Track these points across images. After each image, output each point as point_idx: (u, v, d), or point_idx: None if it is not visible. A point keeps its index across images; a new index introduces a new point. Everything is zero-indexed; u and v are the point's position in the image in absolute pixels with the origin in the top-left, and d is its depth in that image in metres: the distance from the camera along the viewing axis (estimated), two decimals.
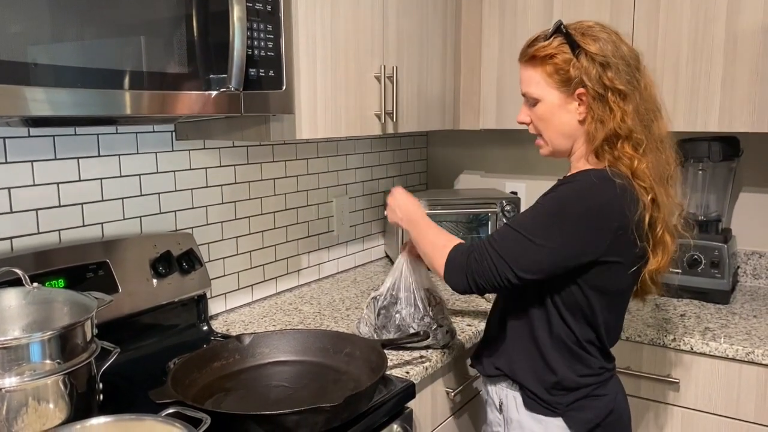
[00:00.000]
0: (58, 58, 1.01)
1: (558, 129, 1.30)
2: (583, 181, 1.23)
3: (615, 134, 1.23)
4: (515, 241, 1.23)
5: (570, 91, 1.25)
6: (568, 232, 1.20)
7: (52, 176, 1.42)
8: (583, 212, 1.20)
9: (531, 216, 1.25)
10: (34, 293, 1.15)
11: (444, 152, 2.71)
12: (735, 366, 1.61)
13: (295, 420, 1.10)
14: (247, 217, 1.90)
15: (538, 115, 1.30)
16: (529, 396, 1.32)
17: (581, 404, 1.30)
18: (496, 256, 1.24)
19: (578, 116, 1.27)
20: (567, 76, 1.24)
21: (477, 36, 2.17)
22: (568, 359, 1.30)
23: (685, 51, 1.85)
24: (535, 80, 1.28)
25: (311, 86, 1.56)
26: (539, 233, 1.22)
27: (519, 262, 1.22)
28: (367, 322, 1.56)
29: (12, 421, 1.00)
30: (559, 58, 1.25)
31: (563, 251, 1.21)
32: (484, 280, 1.26)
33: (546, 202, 1.25)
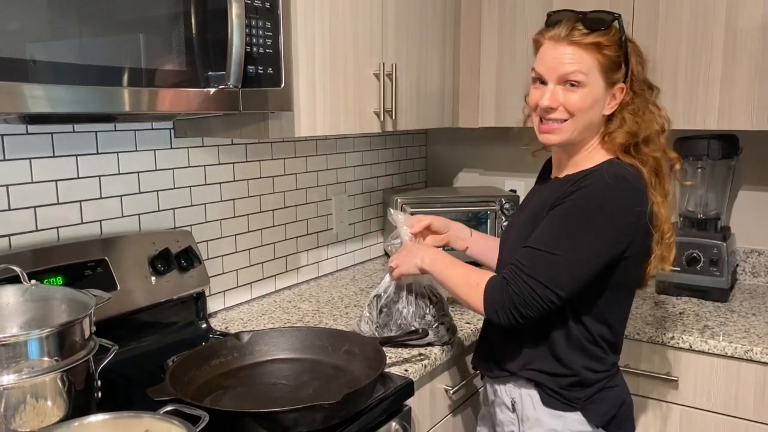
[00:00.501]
0: (56, 55, 1.01)
1: (590, 118, 1.27)
2: (597, 185, 1.22)
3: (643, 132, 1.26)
4: (547, 262, 1.21)
5: (611, 85, 1.26)
6: (594, 239, 1.21)
7: (50, 173, 1.42)
8: (606, 215, 1.20)
9: (554, 232, 1.23)
10: (32, 290, 1.15)
11: (443, 150, 2.71)
12: (734, 364, 1.61)
13: (294, 417, 1.10)
14: (246, 214, 1.90)
15: (575, 101, 1.25)
16: (547, 393, 1.32)
17: (598, 397, 1.31)
18: (534, 283, 1.21)
19: (606, 110, 1.28)
20: (618, 71, 1.25)
21: (476, 34, 2.16)
22: (584, 359, 1.30)
23: (685, 49, 1.85)
24: (586, 65, 1.24)
25: (310, 84, 1.56)
26: (567, 247, 1.21)
27: (557, 281, 1.21)
28: (368, 320, 1.56)
29: (10, 419, 1.00)
30: (614, 50, 1.24)
31: (594, 259, 1.21)
32: (528, 309, 1.23)
33: (564, 213, 1.23)
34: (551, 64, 1.26)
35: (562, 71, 1.25)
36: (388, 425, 1.31)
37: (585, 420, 1.30)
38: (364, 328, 1.56)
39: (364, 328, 1.56)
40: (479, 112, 2.20)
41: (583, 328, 1.29)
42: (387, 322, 1.52)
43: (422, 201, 2.28)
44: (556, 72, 1.25)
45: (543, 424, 1.33)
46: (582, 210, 1.22)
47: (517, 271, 1.23)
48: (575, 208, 1.22)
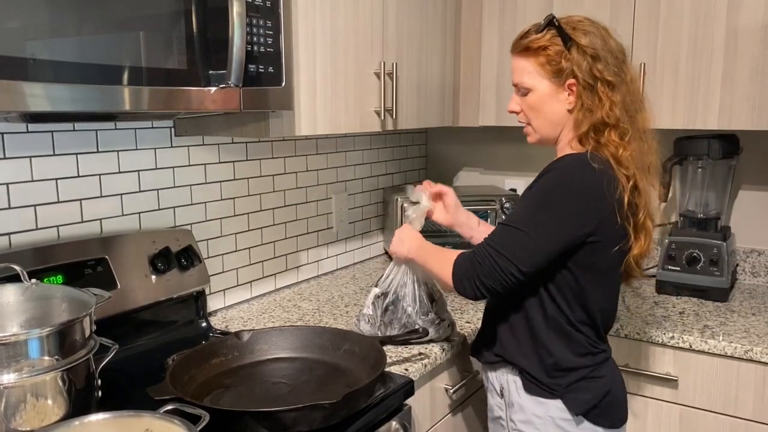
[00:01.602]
0: (56, 54, 1.01)
1: (548, 117, 1.35)
2: (562, 167, 1.29)
3: (602, 122, 1.29)
4: (511, 237, 1.28)
5: (561, 82, 1.31)
6: (557, 218, 1.26)
7: (50, 172, 1.41)
8: (567, 196, 1.26)
9: (520, 210, 1.31)
10: (32, 289, 1.15)
11: (443, 149, 2.71)
12: (733, 364, 1.61)
13: (294, 417, 1.10)
14: (246, 213, 1.90)
15: (529, 104, 1.36)
16: (528, 380, 1.36)
17: (579, 386, 1.33)
18: (496, 254, 1.27)
19: (567, 105, 1.33)
20: (559, 68, 1.30)
21: (477, 33, 2.16)
22: (563, 339, 1.33)
23: (685, 48, 1.85)
24: (527, 71, 1.33)
25: (310, 82, 1.56)
26: (531, 224, 1.26)
27: (518, 256, 1.26)
28: (369, 319, 1.56)
29: (10, 418, 1.00)
30: (551, 50, 1.30)
31: (555, 237, 1.26)
32: (491, 281, 1.28)
33: (531, 194, 1.30)
34: (511, 73, 1.39)
35: (514, 81, 1.38)
36: (389, 424, 1.31)
37: (565, 407, 1.33)
38: (364, 327, 1.56)
39: (364, 328, 1.56)
40: (479, 111, 2.20)
41: (558, 309, 1.32)
42: (391, 320, 1.53)
43: None
44: (512, 80, 1.39)
45: (525, 410, 1.37)
46: (546, 191, 1.28)
47: (484, 245, 1.30)
48: (541, 189, 1.29)
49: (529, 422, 1.36)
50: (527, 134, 1.41)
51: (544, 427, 1.35)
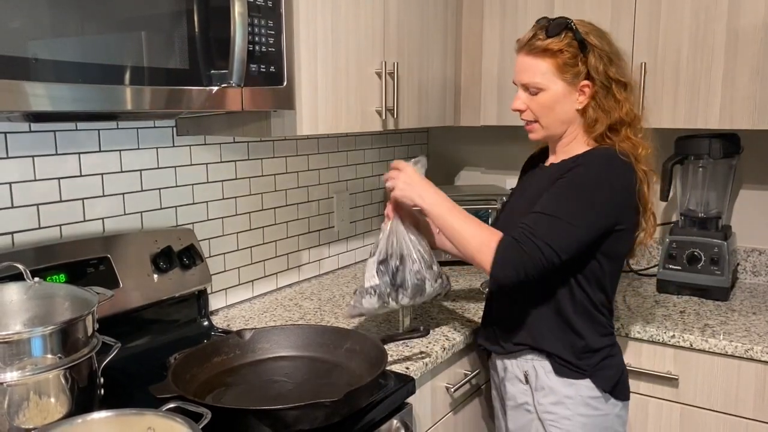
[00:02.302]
0: (58, 53, 1.01)
1: (558, 116, 1.41)
2: (595, 161, 1.36)
3: (620, 122, 1.38)
4: (553, 226, 1.31)
5: (575, 83, 1.38)
6: (594, 209, 1.32)
7: (53, 171, 1.42)
8: (602, 188, 1.33)
9: (557, 200, 1.34)
10: (35, 288, 1.15)
11: (444, 148, 2.71)
12: (734, 363, 1.62)
13: (295, 415, 1.11)
14: (247, 212, 1.90)
15: (539, 103, 1.40)
16: (559, 363, 1.41)
17: (604, 364, 1.42)
18: (543, 245, 1.30)
19: (578, 105, 1.40)
20: (575, 71, 1.37)
21: (478, 33, 2.17)
22: (590, 322, 1.41)
23: (686, 48, 1.85)
24: (541, 71, 1.38)
25: (312, 82, 1.56)
26: (570, 214, 1.31)
27: (561, 245, 1.31)
28: (375, 290, 1.48)
29: (13, 416, 1.01)
30: (568, 53, 1.36)
31: (592, 226, 1.33)
32: (534, 270, 1.31)
33: (569, 184, 1.34)
34: (516, 71, 1.43)
35: (521, 79, 1.42)
36: (390, 423, 1.31)
37: (594, 386, 1.40)
38: (369, 303, 1.49)
39: (369, 303, 1.49)
40: (481, 110, 2.20)
41: (584, 294, 1.40)
42: (403, 281, 1.48)
43: None
44: (519, 79, 1.43)
45: (556, 392, 1.42)
46: (581, 182, 1.34)
47: (526, 233, 1.31)
48: (575, 180, 1.34)
49: (560, 403, 1.41)
50: (531, 131, 1.46)
51: (575, 407, 1.41)
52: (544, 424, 1.44)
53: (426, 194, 1.41)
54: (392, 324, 1.71)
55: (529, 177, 1.58)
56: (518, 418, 1.50)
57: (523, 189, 1.55)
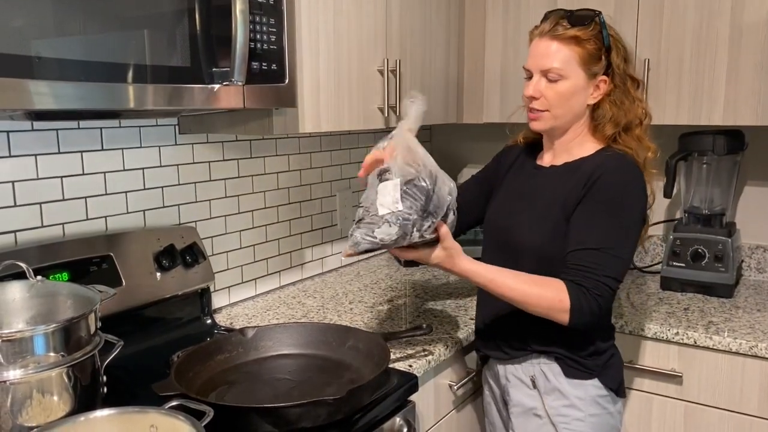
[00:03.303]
0: (61, 52, 1.01)
1: (572, 108, 1.38)
2: (619, 172, 1.34)
3: (635, 120, 1.38)
4: (612, 260, 1.30)
5: (594, 77, 1.36)
6: (633, 227, 1.34)
7: (55, 170, 1.42)
8: (634, 200, 1.34)
9: (604, 228, 1.31)
10: (38, 286, 1.16)
11: (447, 146, 2.70)
12: (738, 360, 1.61)
13: (298, 413, 1.11)
14: (250, 210, 1.90)
15: (557, 92, 1.36)
16: (569, 365, 1.40)
17: (609, 363, 1.43)
18: (610, 281, 1.29)
19: (591, 100, 1.38)
20: (597, 63, 1.35)
21: (481, 29, 2.16)
22: (597, 329, 1.40)
23: (690, 44, 1.84)
24: (565, 58, 1.34)
25: (314, 80, 1.56)
26: (620, 241, 1.31)
27: (620, 273, 1.32)
28: (397, 219, 1.19)
29: (17, 414, 1.01)
30: (594, 44, 1.34)
31: (635, 243, 1.36)
32: (608, 304, 1.34)
33: (605, 208, 1.32)
34: (535, 57, 1.38)
35: (542, 64, 1.36)
36: (392, 421, 1.31)
37: (602, 385, 1.40)
38: (384, 234, 1.19)
39: (384, 235, 1.19)
40: (483, 107, 2.19)
41: None
42: (437, 206, 1.23)
43: None
44: (538, 64, 1.37)
45: (567, 394, 1.40)
46: (615, 204, 1.32)
47: (590, 275, 1.29)
48: (611, 205, 1.32)
49: (572, 405, 1.40)
50: (538, 119, 1.40)
51: (586, 408, 1.40)
52: (558, 427, 1.41)
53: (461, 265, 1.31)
54: (395, 322, 1.71)
55: (522, 175, 1.51)
56: (527, 425, 1.46)
57: (518, 188, 1.50)
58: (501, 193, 1.55)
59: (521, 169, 1.53)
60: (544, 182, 1.44)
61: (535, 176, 1.48)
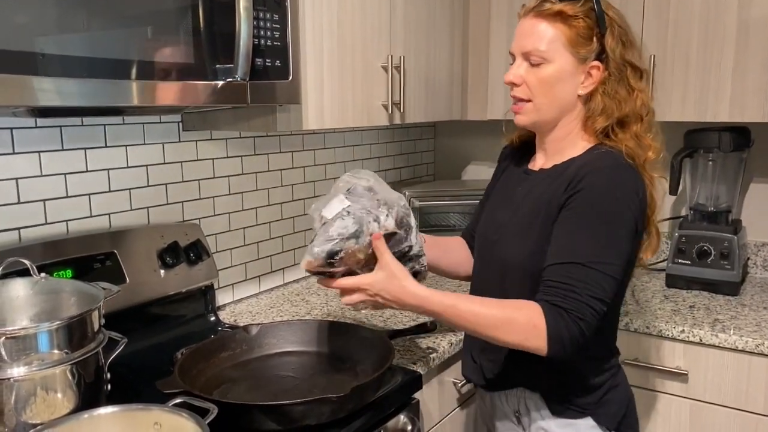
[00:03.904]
0: (65, 48, 1.01)
1: (557, 97, 1.20)
2: (605, 176, 1.14)
3: (631, 115, 1.18)
4: (593, 276, 1.11)
5: (583, 62, 1.17)
6: (622, 240, 1.14)
7: (59, 167, 1.42)
8: (624, 210, 1.14)
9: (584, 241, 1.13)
10: (41, 283, 1.15)
11: (452, 143, 2.70)
12: (744, 358, 1.60)
13: (302, 410, 1.11)
14: (254, 208, 1.90)
15: (540, 78, 1.19)
16: (555, 401, 1.25)
17: (606, 399, 1.24)
18: (594, 302, 1.10)
19: (580, 90, 1.19)
20: (588, 47, 1.17)
21: (485, 25, 2.15)
22: (590, 361, 1.23)
23: (696, 40, 1.83)
24: (549, 38, 1.17)
25: (318, 76, 1.55)
26: (605, 256, 1.12)
27: (605, 292, 1.12)
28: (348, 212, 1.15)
29: (21, 411, 1.01)
30: (584, 23, 1.16)
31: (625, 258, 1.15)
32: (591, 330, 1.11)
33: (586, 216, 1.14)
34: (517, 38, 1.21)
35: (523, 46, 1.19)
36: (397, 418, 1.31)
37: (597, 424, 1.23)
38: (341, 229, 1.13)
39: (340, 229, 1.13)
40: (488, 104, 2.19)
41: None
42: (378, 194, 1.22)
43: (430, 194, 2.27)
44: (519, 47, 1.21)
45: None
46: (599, 212, 1.13)
47: (571, 295, 1.10)
48: (591, 212, 1.14)
49: None
50: (519, 112, 1.24)
51: None
52: None
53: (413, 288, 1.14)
54: (399, 319, 1.71)
55: (512, 180, 1.35)
56: None
57: (507, 196, 1.33)
58: (491, 201, 1.40)
59: (512, 173, 1.37)
60: (530, 188, 1.26)
61: (524, 181, 1.30)
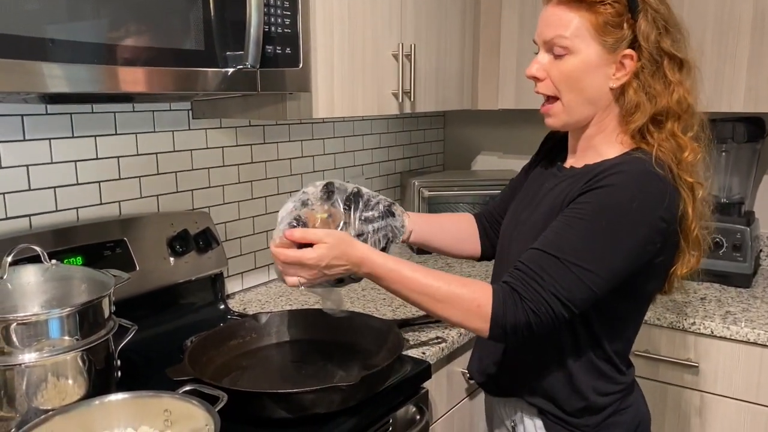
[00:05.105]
0: (75, 35, 1.01)
1: (585, 93, 1.08)
2: (624, 184, 1.02)
3: (667, 111, 1.06)
4: (566, 274, 1.00)
5: (614, 51, 1.05)
6: (621, 250, 1.01)
7: (69, 154, 1.42)
8: (633, 224, 1.01)
9: (573, 238, 1.02)
10: (52, 270, 1.16)
11: (461, 133, 2.68)
12: (756, 350, 1.59)
13: (312, 398, 1.11)
14: (263, 196, 1.90)
15: (563, 71, 1.07)
16: (552, 420, 1.16)
17: (609, 422, 1.15)
18: (551, 299, 1.00)
19: (612, 83, 1.07)
20: (618, 34, 1.04)
21: (496, 13, 2.13)
22: (596, 380, 1.13)
23: (711, 29, 1.81)
24: (573, 26, 1.04)
25: (328, 64, 1.54)
26: (589, 259, 1.00)
27: (576, 298, 1.00)
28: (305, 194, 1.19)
29: (32, 397, 1.01)
30: (613, 8, 1.03)
31: (619, 272, 1.02)
32: (542, 329, 1.02)
33: (585, 216, 1.02)
34: (539, 26, 1.10)
35: (545, 35, 1.08)
36: (406, 408, 1.31)
37: None
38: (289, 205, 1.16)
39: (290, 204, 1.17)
40: (499, 93, 2.17)
41: (596, 344, 1.12)
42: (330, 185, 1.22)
43: (440, 184, 2.26)
44: (541, 36, 1.09)
45: None
46: (607, 214, 1.01)
47: (531, 283, 1.01)
48: (599, 211, 1.01)
49: None
50: (549, 114, 1.12)
51: None
52: None
53: (363, 261, 1.08)
54: (409, 308, 1.70)
55: (542, 176, 1.23)
56: None
57: (533, 192, 1.21)
58: (518, 197, 1.28)
59: (545, 167, 1.25)
60: (555, 187, 1.15)
61: (553, 178, 1.19)
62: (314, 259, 1.07)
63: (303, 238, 1.09)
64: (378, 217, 1.20)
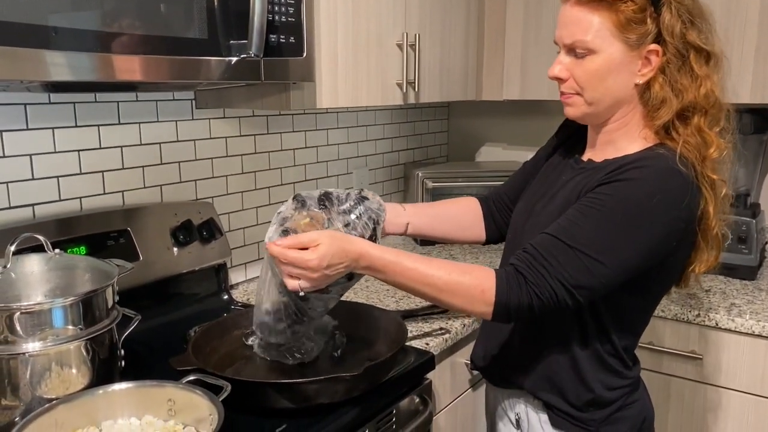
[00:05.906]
0: (78, 23, 1.00)
1: (610, 90, 1.06)
2: (645, 178, 1.01)
3: (693, 106, 1.04)
4: (576, 262, 1.00)
5: (637, 47, 1.03)
6: (636, 244, 1.01)
7: (72, 143, 1.42)
8: (651, 219, 1.00)
9: (587, 227, 1.01)
10: (56, 259, 1.16)
11: (466, 124, 2.67)
12: (761, 343, 1.58)
13: (316, 389, 1.11)
14: (267, 187, 1.89)
15: (587, 70, 1.06)
16: (558, 415, 1.16)
17: (615, 417, 1.15)
18: (557, 285, 1.00)
19: (638, 78, 1.05)
20: (641, 29, 1.02)
21: (501, 3, 2.11)
22: (603, 374, 1.13)
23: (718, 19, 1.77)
24: (594, 27, 1.03)
25: (332, 53, 1.53)
26: (601, 249, 1.00)
27: (583, 287, 1.01)
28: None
29: (36, 386, 1.02)
30: (633, 5, 1.01)
31: (630, 268, 1.02)
32: (543, 313, 1.03)
33: (602, 206, 1.02)
34: (560, 27, 1.09)
35: (565, 36, 1.07)
36: (409, 398, 1.31)
37: None
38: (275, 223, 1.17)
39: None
40: (503, 84, 2.16)
41: (605, 339, 1.12)
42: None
43: (444, 175, 2.26)
44: (561, 38, 1.08)
45: None
46: (625, 206, 1.00)
47: (537, 267, 1.01)
48: (616, 204, 1.01)
49: None
50: (570, 105, 1.10)
51: None
52: None
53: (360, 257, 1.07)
54: (412, 300, 1.70)
55: (559, 167, 1.22)
56: None
57: (548, 184, 1.20)
58: (532, 184, 1.27)
59: (563, 157, 1.23)
60: (571, 180, 1.14)
61: (569, 171, 1.18)
62: (316, 260, 1.05)
63: (295, 242, 1.07)
64: (354, 206, 1.21)
